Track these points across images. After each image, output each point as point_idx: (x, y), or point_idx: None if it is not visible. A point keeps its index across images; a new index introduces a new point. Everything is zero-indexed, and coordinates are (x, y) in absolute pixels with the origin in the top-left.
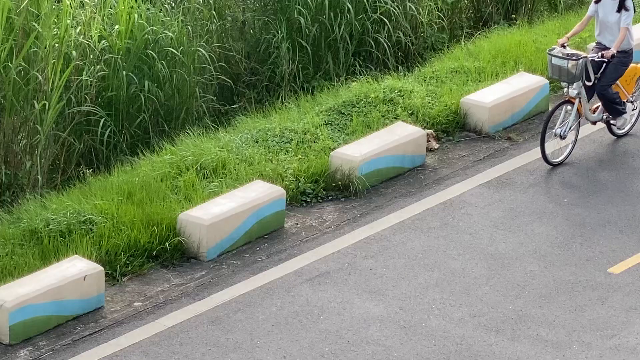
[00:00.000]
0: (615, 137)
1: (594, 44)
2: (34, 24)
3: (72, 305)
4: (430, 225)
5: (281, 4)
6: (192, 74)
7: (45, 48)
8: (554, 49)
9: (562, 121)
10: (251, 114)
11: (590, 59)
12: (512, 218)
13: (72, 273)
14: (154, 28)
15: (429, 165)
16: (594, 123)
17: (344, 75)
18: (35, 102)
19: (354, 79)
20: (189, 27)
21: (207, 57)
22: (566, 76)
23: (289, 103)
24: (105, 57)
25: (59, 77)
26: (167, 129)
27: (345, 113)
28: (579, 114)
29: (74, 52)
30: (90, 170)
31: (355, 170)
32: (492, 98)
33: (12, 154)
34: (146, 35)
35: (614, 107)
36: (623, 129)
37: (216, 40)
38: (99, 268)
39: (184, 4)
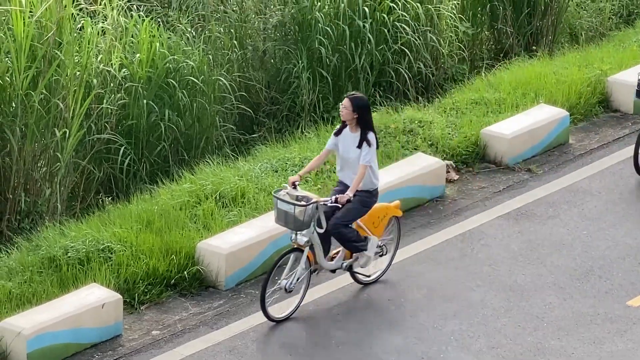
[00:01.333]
0: (362, 285)
1: None
2: (56, 51)
3: (90, 333)
4: (449, 256)
5: (302, 33)
6: (213, 103)
7: (67, 76)
8: (280, 190)
9: (290, 272)
10: (271, 143)
11: (322, 203)
12: (531, 250)
13: (91, 301)
14: (175, 57)
15: (448, 196)
16: (333, 271)
17: None
18: (56, 129)
19: (374, 109)
20: (210, 56)
21: (228, 86)
22: (293, 223)
23: (309, 133)
24: (126, 85)
25: (80, 105)
26: (186, 157)
27: None
28: (309, 262)
29: (95, 80)
30: (110, 199)
31: None
32: (512, 130)
33: (32, 182)
34: (167, 64)
35: (351, 245)
36: (369, 274)
37: (237, 70)
38: (117, 296)
39: (205, 33)
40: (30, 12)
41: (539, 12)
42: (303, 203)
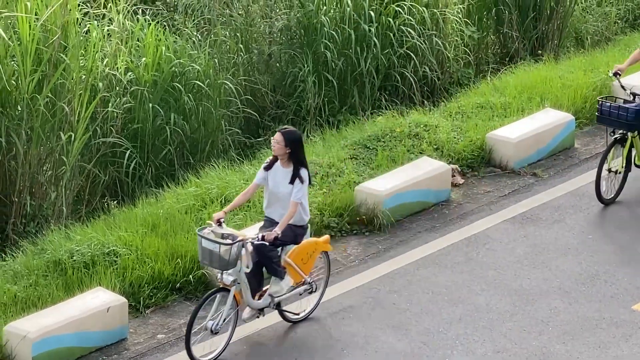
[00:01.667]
0: (291, 323)
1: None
2: (61, 55)
3: (95, 337)
4: (454, 260)
5: (307, 37)
6: (218, 107)
7: (73, 79)
8: (204, 228)
9: (216, 312)
10: None
11: (249, 241)
12: (536, 254)
13: (96, 304)
14: (181, 60)
15: (453, 200)
16: (261, 311)
17: (370, 109)
18: (61, 133)
19: (380, 113)
20: (216, 60)
21: (234, 90)
22: (218, 262)
23: (315, 137)
24: (132, 89)
25: (85, 109)
26: (192, 161)
27: (371, 147)
28: (236, 302)
29: (100, 84)
30: (115, 202)
31: (379, 205)
32: (517, 134)
33: (38, 185)
34: (173, 68)
35: (270, 264)
36: (297, 312)
37: (242, 73)
38: (122, 300)
39: (211, 37)
40: (36, 16)
41: (544, 17)
42: (228, 241)
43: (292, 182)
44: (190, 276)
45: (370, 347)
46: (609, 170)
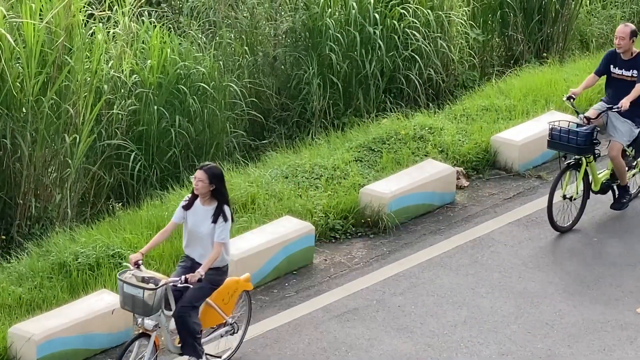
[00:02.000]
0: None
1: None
2: (66, 57)
3: (100, 339)
4: (459, 262)
5: (312, 40)
6: (223, 109)
7: (77, 82)
8: (124, 271)
9: (137, 358)
10: (281, 149)
11: (171, 284)
12: (541, 256)
13: (101, 307)
14: (186, 63)
15: (458, 202)
16: (182, 354)
17: (375, 111)
18: (66, 135)
19: (385, 115)
20: (221, 62)
21: (239, 92)
22: (142, 308)
23: (319, 139)
24: (137, 91)
25: (90, 111)
26: (197, 163)
27: (376, 150)
28: (156, 347)
29: (105, 86)
30: (120, 204)
31: (384, 207)
32: (522, 136)
33: (43, 187)
34: (178, 70)
35: (188, 340)
36: (219, 356)
37: (247, 76)
38: None
39: (216, 39)
40: (40, 17)
41: (549, 19)
42: (152, 286)
43: (214, 221)
44: None
45: (375, 349)
46: (564, 197)
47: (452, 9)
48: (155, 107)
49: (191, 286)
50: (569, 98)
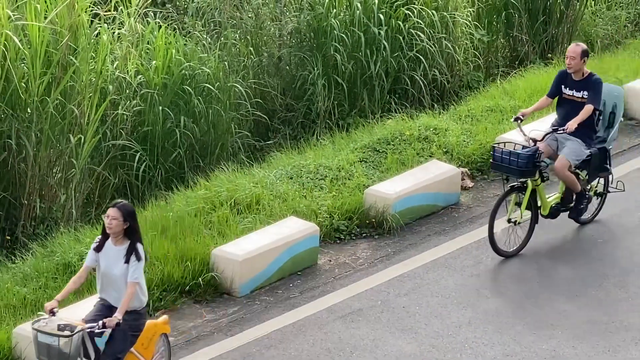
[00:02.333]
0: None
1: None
2: (71, 58)
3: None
4: (463, 263)
5: (317, 40)
6: (228, 110)
7: (82, 82)
8: (38, 320)
9: None
10: (286, 150)
11: (88, 330)
12: (546, 257)
13: None
14: (191, 63)
15: (463, 203)
16: None
17: (379, 112)
18: (71, 135)
19: (389, 116)
20: (226, 62)
21: (243, 92)
22: (57, 357)
23: (324, 140)
24: (142, 92)
25: (95, 111)
26: (201, 164)
27: (380, 150)
28: None
29: (110, 87)
30: None
31: (389, 208)
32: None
33: (47, 188)
34: (183, 71)
35: None
36: None
37: (252, 76)
38: None
39: (221, 40)
40: (45, 18)
41: (554, 20)
42: (67, 333)
43: (127, 261)
44: (200, 279)
45: (379, 350)
46: (509, 221)
47: (457, 9)
48: (160, 108)
49: (107, 331)
50: (516, 119)
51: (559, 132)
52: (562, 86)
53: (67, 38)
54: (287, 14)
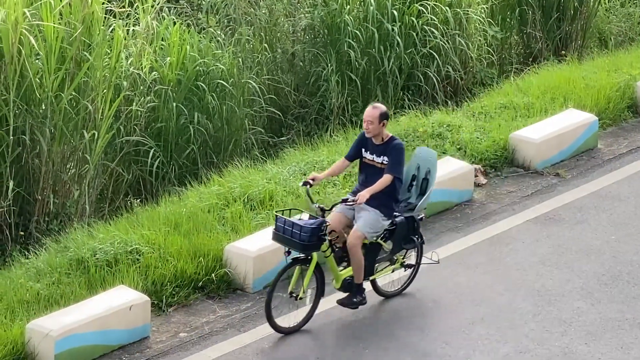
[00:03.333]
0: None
1: None
2: (85, 53)
3: (118, 335)
4: (477, 260)
5: (331, 36)
6: (242, 106)
7: (96, 78)
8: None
9: None
10: (299, 146)
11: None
12: (559, 254)
13: (118, 303)
14: (205, 60)
15: (476, 200)
16: None
17: (393, 109)
18: (84, 131)
19: (403, 112)
20: (240, 59)
21: (257, 89)
22: None
23: (337, 136)
24: (156, 88)
25: (109, 107)
26: (215, 160)
27: None
28: None
29: (124, 83)
30: (138, 201)
31: None
32: (540, 134)
33: (61, 183)
34: (197, 67)
35: None
36: None
37: (266, 73)
38: (145, 298)
39: (235, 36)
40: (60, 15)
41: (568, 17)
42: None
43: None
44: (213, 275)
45: (392, 347)
46: (291, 294)
47: (471, 6)
48: (174, 104)
49: None
50: (305, 183)
51: (348, 203)
52: (363, 149)
53: (79, 31)
54: (301, 10)
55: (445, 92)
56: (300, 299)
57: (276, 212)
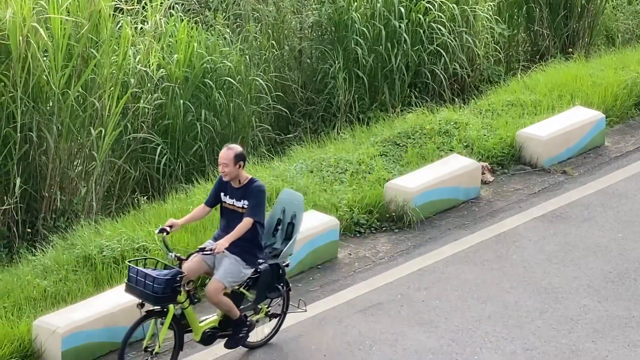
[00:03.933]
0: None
1: None
2: (92, 51)
3: (125, 332)
4: (483, 257)
5: (338, 34)
6: (249, 103)
7: (104, 75)
8: None
9: None
10: (306, 143)
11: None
12: (566, 252)
13: (125, 300)
14: (213, 57)
15: (483, 197)
16: None
17: (400, 106)
18: (92, 128)
19: (410, 110)
20: (247, 56)
21: (264, 86)
22: None
23: (345, 133)
24: (163, 85)
25: (116, 104)
26: None
27: (401, 144)
28: None
29: (132, 80)
30: (145, 198)
31: (409, 202)
32: (547, 131)
33: (68, 180)
34: (205, 64)
35: None
36: None
37: (273, 70)
38: None
39: (242, 33)
40: (68, 12)
41: (575, 14)
42: None
43: None
44: None
45: (399, 344)
46: (146, 349)
47: (478, 3)
48: (182, 101)
49: None
50: (162, 230)
51: (205, 253)
52: (222, 193)
53: (86, 28)
54: (308, 7)
55: (452, 89)
56: (157, 354)
57: (129, 261)
